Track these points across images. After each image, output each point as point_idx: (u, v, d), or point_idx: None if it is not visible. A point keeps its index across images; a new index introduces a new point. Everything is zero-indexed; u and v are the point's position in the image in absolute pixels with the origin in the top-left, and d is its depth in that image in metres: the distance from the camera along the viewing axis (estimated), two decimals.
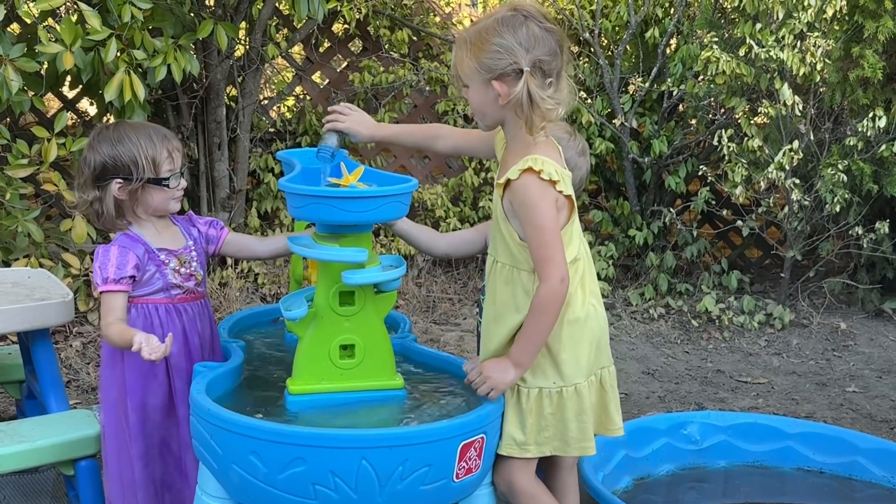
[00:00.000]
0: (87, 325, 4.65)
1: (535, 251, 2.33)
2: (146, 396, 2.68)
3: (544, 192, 2.31)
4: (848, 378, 4.80)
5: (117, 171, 2.60)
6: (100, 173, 2.61)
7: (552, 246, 2.31)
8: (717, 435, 3.52)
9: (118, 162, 2.60)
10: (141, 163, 2.60)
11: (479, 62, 2.32)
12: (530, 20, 2.31)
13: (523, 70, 2.27)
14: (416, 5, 6.49)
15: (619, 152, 6.00)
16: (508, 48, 2.28)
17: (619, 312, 5.58)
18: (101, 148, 2.62)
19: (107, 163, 2.60)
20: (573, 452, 2.49)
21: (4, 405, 3.98)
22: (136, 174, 2.60)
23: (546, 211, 2.31)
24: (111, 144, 2.61)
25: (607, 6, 6.18)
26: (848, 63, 5.30)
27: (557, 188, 2.32)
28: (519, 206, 2.34)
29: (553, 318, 2.34)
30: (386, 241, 5.83)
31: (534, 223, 2.32)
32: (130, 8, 3.98)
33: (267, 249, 2.87)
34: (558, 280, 2.30)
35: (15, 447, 2.77)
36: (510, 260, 2.43)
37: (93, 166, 2.62)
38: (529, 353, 2.36)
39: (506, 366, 2.36)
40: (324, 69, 6.48)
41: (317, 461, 2.18)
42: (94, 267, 2.61)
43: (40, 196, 4.93)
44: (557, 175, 2.32)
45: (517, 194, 2.33)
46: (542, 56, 2.29)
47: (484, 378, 2.37)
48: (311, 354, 2.48)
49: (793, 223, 5.46)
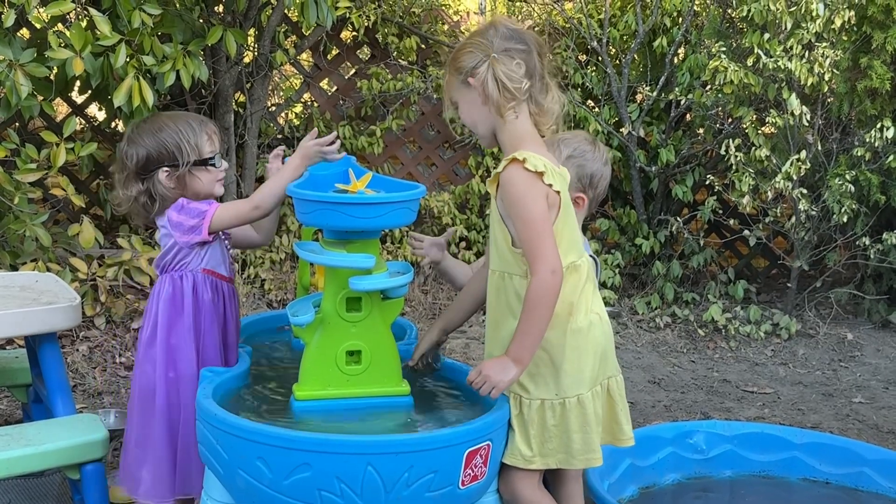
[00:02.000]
0: (94, 329, 4.66)
1: (526, 245, 2.32)
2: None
3: (531, 184, 2.31)
4: (854, 389, 4.79)
5: (162, 160, 2.64)
6: (144, 165, 2.65)
7: (542, 238, 2.30)
8: (724, 444, 3.51)
9: (162, 150, 2.64)
10: (184, 147, 2.65)
11: (455, 70, 2.41)
12: (499, 25, 2.41)
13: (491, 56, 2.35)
14: (424, 13, 6.51)
15: (627, 161, 6.00)
16: (476, 45, 2.38)
17: (626, 321, 5.58)
18: (143, 140, 2.66)
19: (150, 153, 2.64)
20: (578, 465, 2.47)
21: (11, 409, 3.99)
22: (182, 159, 2.64)
23: (534, 203, 2.31)
24: (152, 134, 2.65)
25: (615, 15, 6.19)
26: (856, 73, 5.30)
27: (545, 181, 2.31)
28: (508, 199, 2.34)
29: (548, 311, 2.31)
30: (392, 248, 5.83)
31: (522, 216, 2.32)
32: (140, 14, 4.00)
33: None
34: (549, 272, 2.28)
35: (21, 451, 2.77)
36: (501, 265, 2.43)
37: (136, 159, 2.65)
38: (527, 348, 2.33)
39: (505, 363, 2.33)
40: (332, 76, 6.50)
41: (323, 467, 2.18)
42: (182, 220, 2.64)
43: (48, 200, 4.95)
44: (544, 167, 2.31)
45: (505, 188, 2.34)
46: (509, 45, 2.36)
47: (484, 378, 2.33)
48: (318, 360, 2.48)
49: (800, 233, 5.45)
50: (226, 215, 2.66)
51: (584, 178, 2.72)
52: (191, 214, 2.65)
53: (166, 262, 2.72)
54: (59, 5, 3.87)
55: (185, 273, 2.70)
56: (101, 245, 4.80)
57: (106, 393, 4.16)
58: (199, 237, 2.66)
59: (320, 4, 4.46)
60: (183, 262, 2.70)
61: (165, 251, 2.71)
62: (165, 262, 2.72)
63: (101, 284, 4.62)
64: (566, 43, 6.13)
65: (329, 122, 6.27)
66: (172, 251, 2.69)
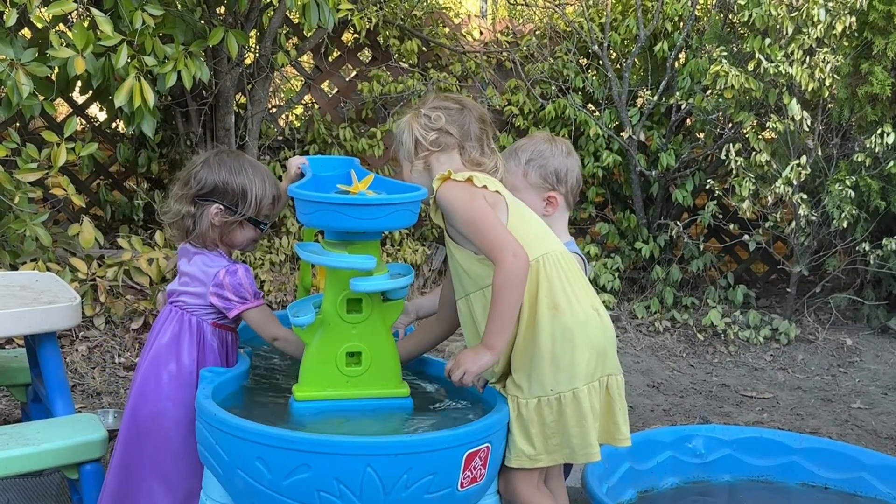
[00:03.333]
0: (94, 329, 4.66)
1: (481, 243, 2.36)
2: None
3: (463, 190, 2.40)
4: (853, 394, 4.79)
5: (224, 198, 2.65)
6: (206, 193, 2.65)
7: (493, 229, 2.35)
8: (722, 449, 3.51)
9: (229, 190, 2.65)
10: (250, 199, 2.66)
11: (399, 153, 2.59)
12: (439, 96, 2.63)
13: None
14: (425, 16, 6.51)
15: (627, 165, 6.00)
16: (405, 125, 2.55)
17: (625, 325, 5.58)
18: (219, 171, 2.65)
19: (218, 186, 2.64)
20: (580, 460, 2.48)
21: (10, 408, 3.98)
22: (241, 209, 2.65)
23: (471, 203, 2.38)
24: (230, 171, 2.66)
25: (616, 19, 6.19)
26: (856, 79, 5.30)
27: (476, 184, 2.39)
28: (451, 215, 2.42)
29: (516, 294, 2.34)
30: (393, 251, 5.83)
31: (467, 218, 2.38)
32: (142, 14, 4.00)
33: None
34: (510, 256, 2.31)
35: (20, 450, 2.76)
36: (463, 290, 2.49)
37: (202, 184, 2.65)
38: (499, 333, 2.35)
39: (478, 350, 2.37)
40: (333, 78, 6.50)
41: (322, 468, 2.18)
42: (226, 286, 2.62)
43: (49, 200, 4.95)
44: (470, 174, 2.41)
45: (444, 206, 2.42)
46: (438, 105, 2.53)
47: (457, 364, 2.37)
48: (318, 361, 2.48)
49: (800, 238, 5.46)
50: (255, 318, 2.66)
51: (550, 177, 2.74)
52: (236, 291, 2.62)
53: (184, 302, 2.69)
54: (61, 5, 3.87)
55: (196, 319, 2.68)
56: (101, 245, 4.80)
57: (105, 393, 4.16)
58: (225, 311, 2.65)
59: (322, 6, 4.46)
60: (198, 311, 2.68)
61: (189, 292, 2.68)
62: (182, 301, 2.69)
63: (100, 284, 4.62)
64: (567, 46, 6.14)
65: (330, 124, 6.28)
66: (198, 298, 2.67)
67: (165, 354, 2.67)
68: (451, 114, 2.51)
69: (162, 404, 2.64)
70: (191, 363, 2.65)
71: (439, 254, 6.04)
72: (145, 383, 2.67)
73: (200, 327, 2.68)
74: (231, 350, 2.77)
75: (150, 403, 2.65)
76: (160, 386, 2.65)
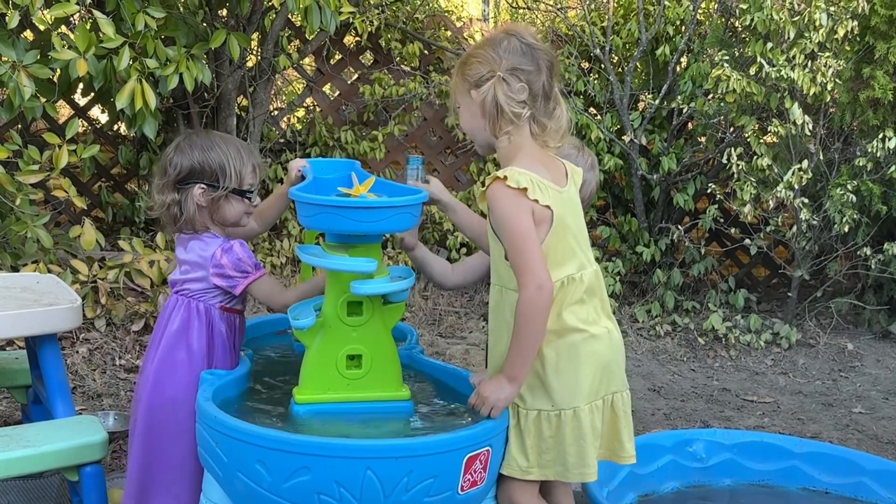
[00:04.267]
0: (95, 331, 4.66)
1: (512, 260, 2.33)
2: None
3: (514, 200, 2.31)
4: (854, 399, 4.78)
5: (203, 177, 2.64)
6: (184, 177, 2.64)
7: (527, 253, 2.30)
8: (723, 453, 3.51)
9: (206, 167, 2.64)
10: (229, 171, 2.65)
11: (462, 76, 2.42)
12: (513, 37, 2.40)
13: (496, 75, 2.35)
14: (427, 19, 6.52)
15: (628, 169, 6.00)
16: (486, 58, 2.38)
17: (626, 329, 5.57)
18: (191, 152, 2.65)
19: (194, 167, 2.64)
20: (573, 478, 2.45)
21: (10, 410, 3.98)
22: (223, 182, 2.64)
23: (516, 218, 2.31)
24: (202, 150, 2.65)
25: (618, 23, 6.20)
26: (858, 84, 5.30)
27: (529, 196, 2.31)
28: (493, 216, 2.36)
29: (538, 327, 2.31)
30: (394, 254, 5.83)
31: (506, 230, 2.33)
32: (144, 17, 4.00)
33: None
34: (535, 288, 2.28)
35: (20, 452, 2.76)
36: (498, 279, 2.45)
37: (178, 169, 2.64)
38: (520, 365, 2.34)
39: (500, 383, 2.35)
40: (334, 81, 6.51)
41: (322, 470, 2.18)
42: (225, 265, 2.62)
43: (50, 202, 4.95)
44: (527, 182, 2.31)
45: (490, 206, 2.36)
46: (518, 64, 2.36)
47: (482, 399, 2.36)
48: (318, 364, 2.48)
49: (801, 243, 5.45)
50: (262, 291, 2.66)
51: None
52: (236, 267, 2.62)
53: (188, 290, 2.68)
54: (64, 7, 3.87)
55: (203, 305, 2.68)
56: (102, 247, 4.80)
57: (105, 395, 4.16)
58: (230, 290, 2.65)
59: (324, 9, 4.46)
60: (204, 296, 2.68)
61: (191, 279, 2.67)
62: (187, 289, 2.69)
63: (101, 286, 4.62)
64: (569, 50, 6.14)
65: (331, 127, 6.28)
66: (200, 283, 2.66)
67: (175, 343, 2.67)
68: (531, 77, 2.37)
69: (177, 392, 2.65)
70: (200, 349, 2.66)
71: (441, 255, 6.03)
72: (159, 373, 2.67)
73: (209, 313, 2.68)
74: (238, 334, 2.77)
75: (166, 392, 2.66)
76: (175, 374, 2.66)
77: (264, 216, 2.90)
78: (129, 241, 4.82)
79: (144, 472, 2.69)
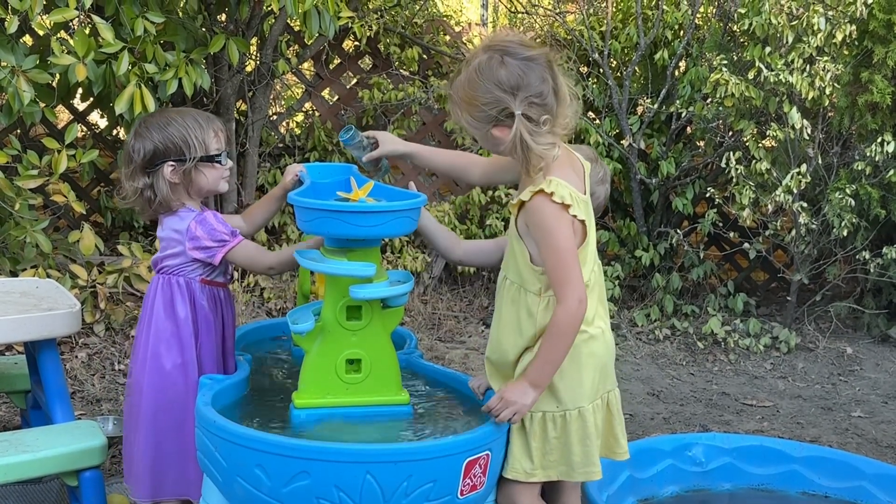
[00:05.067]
0: (94, 336, 4.66)
1: (552, 273, 2.31)
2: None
3: (558, 216, 2.29)
4: (854, 403, 4.78)
5: (168, 154, 2.64)
6: (150, 159, 2.65)
7: (569, 267, 2.29)
8: (722, 457, 3.51)
9: (169, 144, 2.64)
10: (192, 142, 2.65)
11: (473, 117, 2.33)
12: (508, 56, 2.27)
13: (514, 114, 2.26)
14: (426, 24, 6.52)
15: (627, 173, 6.00)
16: (495, 98, 2.27)
17: (625, 333, 5.58)
18: (150, 134, 2.65)
19: (157, 147, 2.64)
20: (578, 477, 2.47)
21: (9, 415, 3.98)
22: (189, 154, 2.64)
23: (562, 233, 2.30)
24: (160, 129, 2.65)
25: (617, 28, 6.20)
26: (857, 88, 5.31)
27: (571, 212, 2.31)
28: (534, 227, 2.33)
29: (571, 340, 2.32)
30: (393, 258, 5.83)
31: (550, 245, 2.31)
32: (143, 22, 4.01)
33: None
34: (576, 301, 2.29)
35: (19, 457, 2.76)
36: (518, 279, 2.43)
37: (142, 153, 2.65)
38: (547, 374, 2.33)
39: (524, 388, 2.34)
40: (333, 85, 6.51)
41: (321, 475, 2.17)
42: (200, 236, 2.63)
43: (49, 207, 4.95)
44: (571, 199, 2.30)
45: (531, 216, 2.33)
46: (531, 94, 2.26)
47: (506, 403, 2.33)
48: (318, 368, 2.48)
49: (800, 246, 5.46)
50: (242, 255, 2.67)
51: None
52: (212, 236, 2.64)
53: (168, 266, 2.71)
54: (63, 12, 3.87)
55: (183, 279, 2.70)
56: (101, 252, 4.80)
57: (104, 400, 4.16)
58: (210, 260, 2.66)
59: (323, 14, 4.46)
60: (184, 270, 2.70)
61: (169, 255, 2.70)
62: (167, 266, 2.71)
63: (100, 291, 4.62)
64: (567, 55, 6.14)
65: (330, 132, 6.28)
66: (178, 257, 2.69)
67: (165, 322, 2.69)
68: (544, 94, 2.27)
69: (174, 369, 2.68)
70: (186, 324, 2.68)
71: (439, 261, 6.04)
72: (157, 353, 2.68)
73: (190, 286, 2.70)
74: (225, 306, 2.78)
75: (166, 369, 2.68)
76: (171, 350, 2.69)
77: (254, 218, 2.91)
78: (129, 246, 4.83)
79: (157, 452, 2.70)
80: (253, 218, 2.90)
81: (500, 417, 2.34)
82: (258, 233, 5.64)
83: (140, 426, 2.71)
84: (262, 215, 2.91)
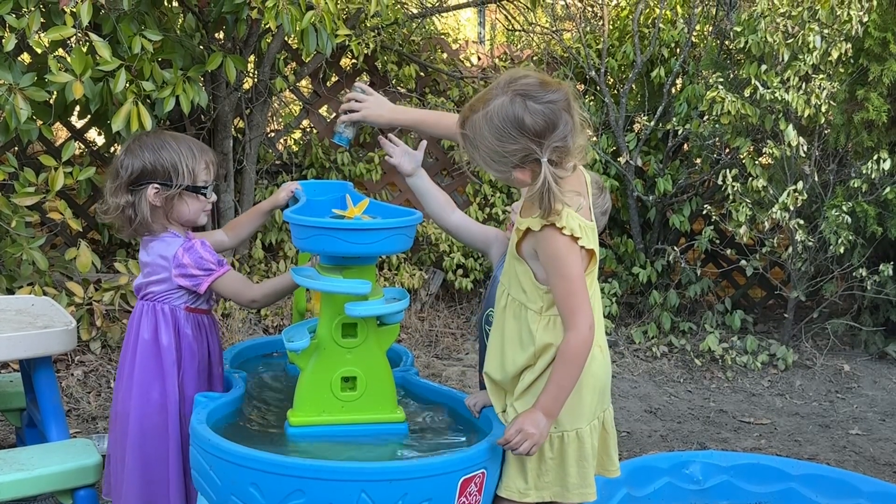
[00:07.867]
0: (89, 353, 4.65)
1: (563, 300, 2.31)
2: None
3: (569, 248, 2.29)
4: (851, 420, 4.77)
5: (155, 176, 2.63)
6: (137, 177, 2.64)
7: (579, 295, 2.29)
8: (720, 475, 3.50)
9: (158, 167, 2.63)
10: (182, 170, 2.64)
11: (493, 160, 2.28)
12: (530, 101, 2.23)
13: (541, 161, 2.22)
14: (424, 42, 6.54)
15: (624, 190, 6.01)
16: (521, 146, 2.23)
17: (622, 350, 5.57)
18: (142, 153, 2.64)
19: (146, 167, 2.63)
20: (573, 499, 2.44)
21: (4, 433, 3.97)
22: (176, 180, 2.64)
23: (573, 261, 2.29)
24: (153, 150, 2.64)
25: (613, 45, 6.22)
26: (853, 105, 5.32)
27: (580, 243, 2.30)
28: (545, 256, 2.32)
29: (582, 365, 2.31)
30: (389, 275, 5.83)
31: (562, 274, 2.30)
32: (141, 39, 4.01)
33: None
34: (587, 328, 2.29)
35: (14, 475, 2.75)
36: (521, 297, 2.42)
37: (130, 170, 2.64)
38: (560, 400, 2.31)
39: (537, 418, 2.30)
40: (331, 103, 6.52)
41: (316, 493, 2.16)
42: (187, 264, 2.62)
43: (46, 224, 4.94)
44: (580, 231, 2.29)
45: (542, 246, 2.32)
46: (556, 140, 2.22)
47: (525, 435, 2.29)
48: (313, 386, 2.47)
49: (797, 264, 5.46)
50: (227, 286, 2.66)
51: None
52: (199, 265, 2.63)
53: (152, 293, 2.69)
54: (60, 30, 3.88)
55: (168, 307, 2.68)
56: (97, 269, 4.79)
57: (100, 418, 4.14)
58: (195, 288, 2.65)
59: (320, 32, 4.47)
60: (168, 297, 2.68)
61: (153, 281, 2.67)
62: (151, 293, 2.69)
63: (97, 309, 4.61)
64: (564, 72, 6.16)
65: (328, 149, 6.29)
66: (163, 284, 2.66)
67: (150, 349, 2.67)
68: (566, 135, 2.24)
69: (162, 397, 2.66)
70: (170, 352, 2.66)
71: (436, 278, 6.03)
72: (143, 381, 2.66)
73: (174, 314, 2.68)
74: (210, 332, 2.77)
75: (153, 397, 2.66)
76: (157, 379, 2.67)
77: (238, 231, 2.90)
78: (125, 263, 4.82)
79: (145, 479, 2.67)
80: (238, 231, 2.89)
81: (520, 451, 2.30)
82: (255, 251, 5.66)
83: (127, 454, 2.69)
84: (247, 228, 2.90)
